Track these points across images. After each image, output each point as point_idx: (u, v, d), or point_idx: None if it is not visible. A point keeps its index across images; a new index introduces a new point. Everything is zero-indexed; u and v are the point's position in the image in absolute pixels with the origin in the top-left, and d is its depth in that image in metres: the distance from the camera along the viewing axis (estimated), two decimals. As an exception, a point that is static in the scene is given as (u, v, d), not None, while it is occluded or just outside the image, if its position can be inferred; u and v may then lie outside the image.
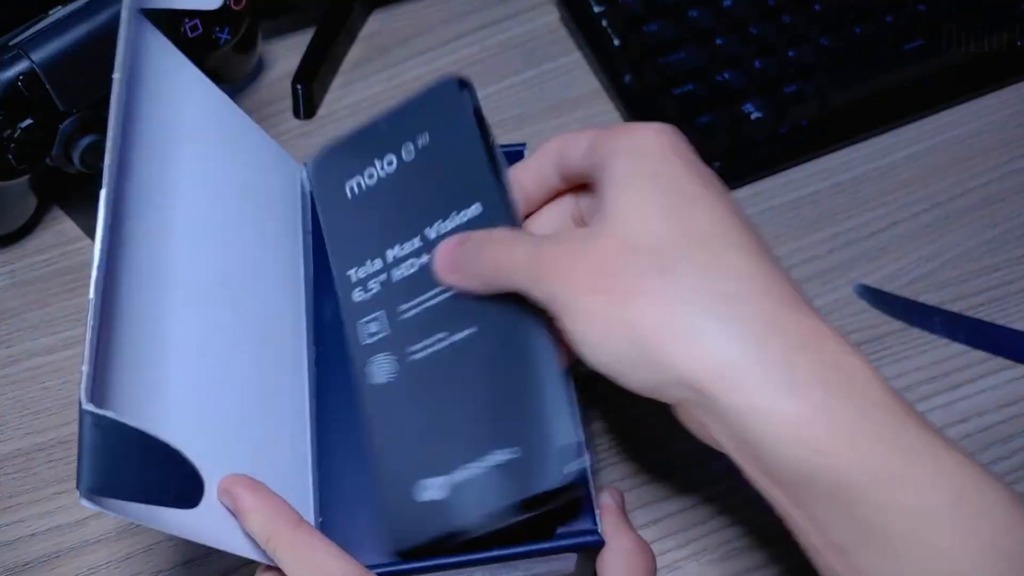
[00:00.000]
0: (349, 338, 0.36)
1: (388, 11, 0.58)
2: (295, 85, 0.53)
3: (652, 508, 0.41)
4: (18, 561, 0.40)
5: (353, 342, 0.36)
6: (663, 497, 0.41)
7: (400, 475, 0.33)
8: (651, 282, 0.28)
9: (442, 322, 0.34)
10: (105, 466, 0.26)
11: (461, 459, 0.32)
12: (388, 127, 0.37)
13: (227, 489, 0.31)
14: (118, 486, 0.27)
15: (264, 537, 0.31)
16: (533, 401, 0.32)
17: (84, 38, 0.41)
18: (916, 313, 0.45)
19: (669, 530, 0.41)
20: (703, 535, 0.40)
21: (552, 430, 0.32)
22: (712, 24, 0.52)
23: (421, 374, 0.34)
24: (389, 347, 0.35)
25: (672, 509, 0.41)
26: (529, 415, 0.32)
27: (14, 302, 0.47)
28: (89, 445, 0.26)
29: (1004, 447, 0.42)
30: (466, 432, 0.33)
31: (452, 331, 0.34)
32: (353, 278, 0.37)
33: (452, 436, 0.33)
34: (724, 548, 0.40)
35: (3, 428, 0.44)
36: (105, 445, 0.26)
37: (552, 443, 0.31)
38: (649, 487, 0.42)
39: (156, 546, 0.40)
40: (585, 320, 0.29)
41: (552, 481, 0.31)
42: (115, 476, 0.26)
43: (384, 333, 0.35)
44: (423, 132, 0.36)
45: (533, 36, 0.57)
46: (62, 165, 0.44)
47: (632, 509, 0.41)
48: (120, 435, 0.27)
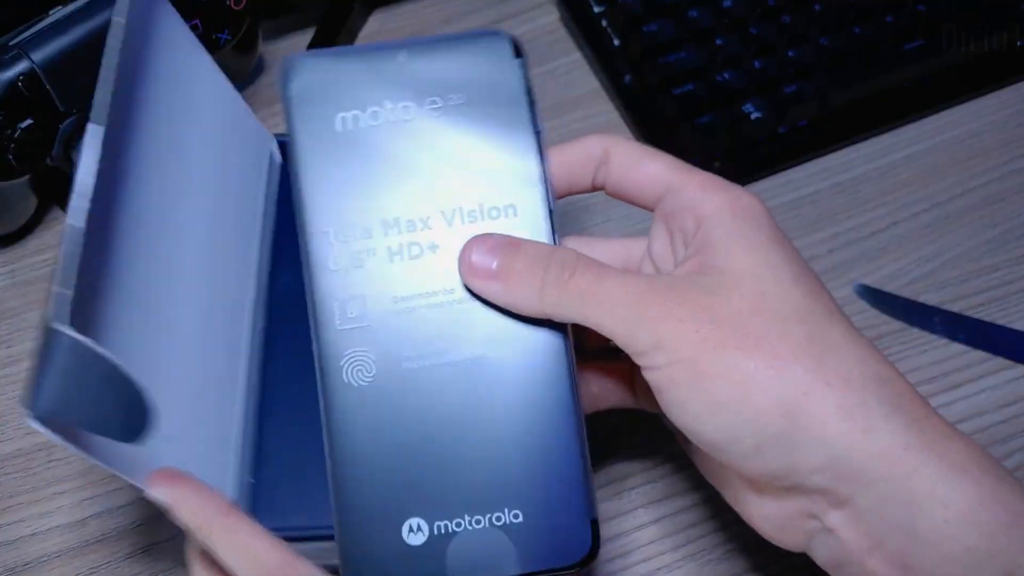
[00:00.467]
0: (317, 308, 0.30)
1: (388, 11, 0.58)
2: (295, 85, 0.53)
3: (652, 508, 0.41)
4: (18, 561, 0.40)
5: (323, 317, 0.30)
6: (663, 497, 0.41)
7: (377, 502, 0.29)
8: (808, 349, 0.27)
9: (446, 331, 0.30)
10: (66, 389, 0.26)
11: (461, 508, 0.29)
12: (410, 63, 0.31)
13: (152, 486, 0.30)
14: (74, 412, 0.26)
15: (195, 526, 0.30)
16: (549, 458, 0.29)
17: (84, 38, 0.41)
18: (916, 313, 0.45)
19: (669, 530, 0.41)
20: (703, 535, 0.40)
21: (566, 499, 0.29)
22: (712, 24, 0.52)
23: (412, 388, 0.30)
24: (372, 344, 0.30)
25: (672, 509, 0.41)
26: (543, 475, 0.29)
27: (14, 302, 0.47)
28: (57, 368, 0.25)
29: (1004, 447, 0.42)
30: (468, 479, 0.29)
31: (457, 346, 0.30)
32: (331, 237, 0.30)
33: (450, 477, 0.29)
34: (724, 548, 0.40)
35: (3, 428, 0.44)
36: (73, 370, 0.26)
37: (565, 517, 0.29)
38: (649, 487, 0.42)
39: (156, 546, 0.41)
40: (711, 379, 0.27)
41: (560, 560, 0.29)
42: (74, 402, 0.26)
43: (367, 323, 0.30)
44: (458, 89, 0.30)
45: (533, 36, 0.57)
46: (62, 165, 0.44)
47: (632, 509, 0.41)
48: (92, 363, 0.26)
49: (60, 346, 0.26)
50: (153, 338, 0.32)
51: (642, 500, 0.41)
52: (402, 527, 0.29)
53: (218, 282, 0.37)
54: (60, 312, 0.26)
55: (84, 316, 0.27)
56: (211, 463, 0.35)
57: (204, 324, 0.36)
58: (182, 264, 0.35)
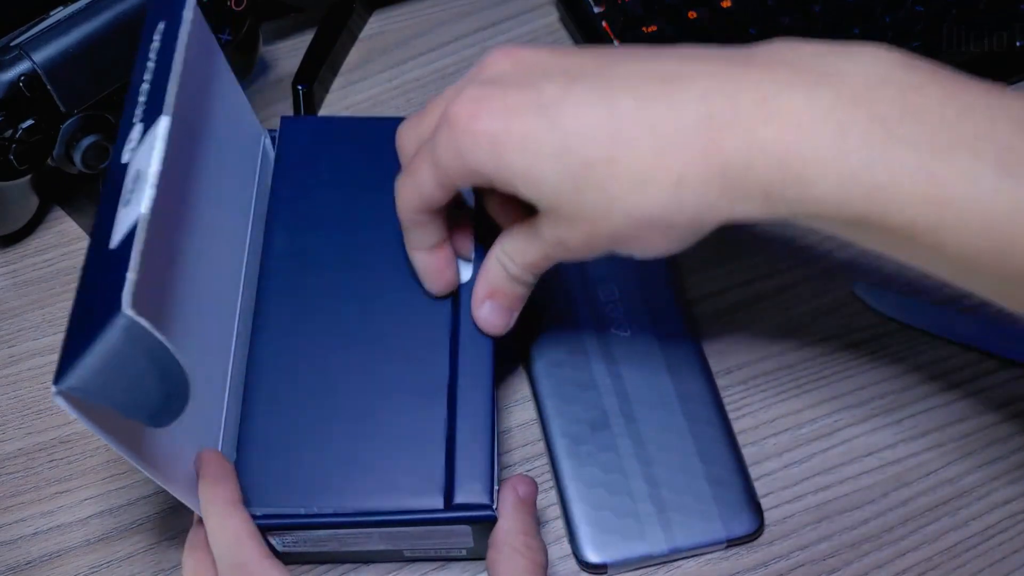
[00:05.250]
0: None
1: (389, 12, 0.58)
2: (296, 86, 0.53)
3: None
4: (20, 560, 0.40)
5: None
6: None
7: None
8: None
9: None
10: (105, 370, 0.27)
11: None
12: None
13: (200, 458, 0.34)
14: (107, 392, 0.27)
15: (203, 500, 0.34)
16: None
17: (85, 38, 0.41)
18: (916, 313, 0.45)
19: (669, 529, 0.41)
20: (703, 534, 0.41)
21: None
22: (712, 25, 0.52)
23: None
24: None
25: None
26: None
27: (16, 302, 0.48)
28: (108, 346, 0.27)
29: (1004, 447, 0.42)
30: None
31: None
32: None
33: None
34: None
35: (5, 428, 0.44)
36: (122, 352, 0.27)
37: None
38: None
39: (158, 545, 0.41)
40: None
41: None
42: (111, 382, 0.27)
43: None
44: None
45: (533, 36, 0.57)
46: (63, 165, 0.44)
47: (632, 508, 0.41)
48: (146, 348, 0.27)
49: (117, 328, 0.27)
50: (184, 322, 0.33)
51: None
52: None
53: (216, 267, 0.38)
54: (126, 296, 0.27)
55: (148, 301, 0.28)
56: (204, 442, 0.35)
57: (206, 308, 0.37)
58: (200, 248, 0.36)
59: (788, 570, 0.39)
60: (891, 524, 0.40)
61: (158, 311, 0.30)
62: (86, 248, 0.31)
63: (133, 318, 0.26)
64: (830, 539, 0.40)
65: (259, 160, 0.43)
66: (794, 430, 0.43)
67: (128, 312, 0.26)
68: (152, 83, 0.33)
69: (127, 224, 0.29)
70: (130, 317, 0.26)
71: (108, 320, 0.27)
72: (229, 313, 0.39)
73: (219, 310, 0.38)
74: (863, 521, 0.40)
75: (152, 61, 0.34)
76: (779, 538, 0.40)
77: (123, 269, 0.27)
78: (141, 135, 0.32)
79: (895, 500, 0.41)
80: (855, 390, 0.44)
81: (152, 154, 0.30)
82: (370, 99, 0.55)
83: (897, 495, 0.41)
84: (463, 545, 0.37)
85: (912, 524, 0.40)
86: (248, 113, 0.43)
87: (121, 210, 0.30)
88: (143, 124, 0.32)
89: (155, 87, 0.33)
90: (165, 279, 0.32)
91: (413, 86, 0.55)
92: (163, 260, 0.32)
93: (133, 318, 0.26)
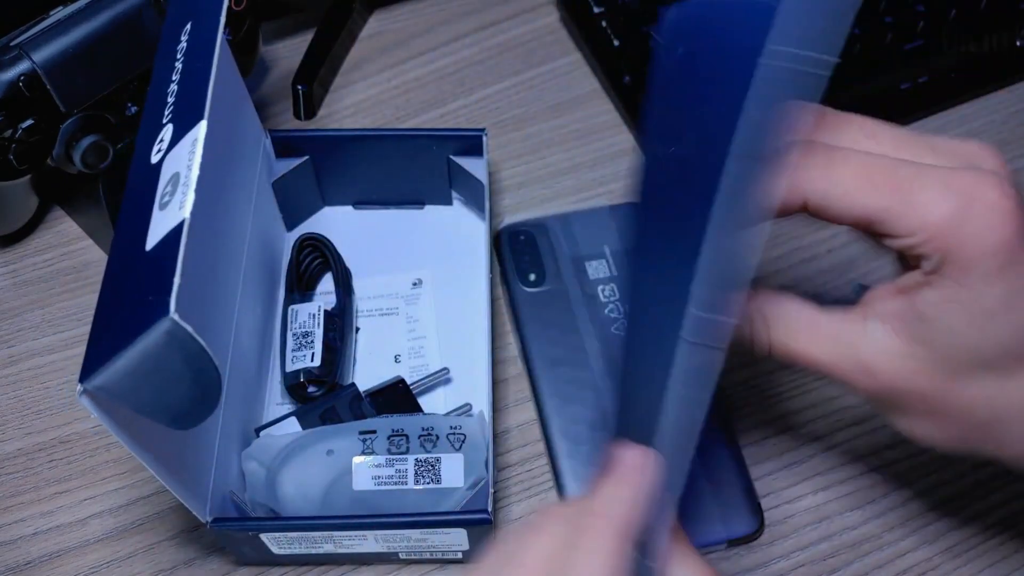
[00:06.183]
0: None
1: (389, 12, 0.58)
2: (295, 86, 0.53)
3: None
4: (20, 560, 0.40)
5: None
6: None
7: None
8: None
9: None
10: (138, 372, 0.27)
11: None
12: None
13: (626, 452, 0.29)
14: (135, 394, 0.27)
15: (609, 508, 0.29)
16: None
17: (85, 38, 0.41)
18: (916, 313, 0.45)
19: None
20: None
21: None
22: (712, 24, 0.52)
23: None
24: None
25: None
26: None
27: (16, 302, 0.48)
28: (147, 349, 0.27)
29: (1004, 446, 0.42)
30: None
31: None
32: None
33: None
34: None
35: (5, 428, 0.44)
36: (158, 354, 0.27)
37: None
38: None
39: (157, 545, 0.41)
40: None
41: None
42: (142, 384, 0.27)
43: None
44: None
45: (533, 36, 0.57)
46: (63, 165, 0.44)
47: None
48: (185, 351, 0.27)
49: (159, 331, 0.27)
50: (212, 324, 0.34)
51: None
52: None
53: (225, 268, 0.38)
54: (173, 300, 0.27)
55: (188, 305, 0.29)
56: (204, 442, 0.35)
57: (219, 308, 0.37)
58: (217, 249, 0.36)
59: (788, 570, 0.39)
60: (891, 524, 0.40)
61: (195, 315, 0.30)
62: (110, 246, 0.31)
63: (178, 322, 0.27)
64: (830, 539, 0.40)
65: (259, 161, 0.43)
66: (794, 430, 0.43)
67: (174, 316, 0.27)
68: (182, 84, 0.33)
69: (166, 227, 0.29)
70: (175, 321, 0.27)
71: (150, 323, 0.27)
72: (232, 311, 0.39)
73: (226, 309, 0.38)
74: (863, 521, 0.40)
75: (179, 61, 0.34)
76: (779, 538, 0.40)
77: (164, 272, 0.28)
78: (172, 137, 0.32)
79: (895, 500, 0.41)
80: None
81: (193, 158, 0.31)
82: (370, 98, 0.55)
83: (897, 495, 0.41)
84: (459, 548, 0.37)
85: (912, 524, 0.40)
86: (252, 115, 0.43)
87: (157, 212, 0.30)
88: (173, 126, 0.32)
89: (187, 89, 0.33)
90: (197, 282, 0.33)
91: (413, 86, 0.55)
92: (196, 263, 0.33)
93: (178, 322, 0.27)
